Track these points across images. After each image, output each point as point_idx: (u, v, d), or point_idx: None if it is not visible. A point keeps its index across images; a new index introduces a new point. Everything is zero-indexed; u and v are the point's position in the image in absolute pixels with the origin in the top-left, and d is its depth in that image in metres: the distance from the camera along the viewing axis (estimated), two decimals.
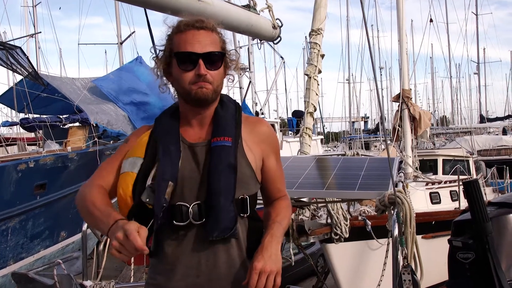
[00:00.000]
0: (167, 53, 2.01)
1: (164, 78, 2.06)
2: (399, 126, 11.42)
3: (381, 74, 46.95)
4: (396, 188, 3.62)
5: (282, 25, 5.72)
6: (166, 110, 2.13)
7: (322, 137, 36.15)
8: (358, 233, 6.80)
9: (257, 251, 1.90)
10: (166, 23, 2.05)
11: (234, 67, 2.09)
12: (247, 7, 5.21)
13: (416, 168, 11.58)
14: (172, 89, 2.08)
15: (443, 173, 13.90)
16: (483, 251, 2.70)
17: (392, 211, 3.65)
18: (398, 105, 11.51)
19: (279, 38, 5.81)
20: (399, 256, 3.44)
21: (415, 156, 11.56)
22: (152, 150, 1.98)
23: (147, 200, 1.89)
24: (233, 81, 2.14)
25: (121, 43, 22.97)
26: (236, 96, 21.59)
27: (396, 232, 3.46)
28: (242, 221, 1.98)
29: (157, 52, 2.07)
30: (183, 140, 2.01)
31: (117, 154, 2.07)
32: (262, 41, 6.12)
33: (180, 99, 2.05)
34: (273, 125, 23.42)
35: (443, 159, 14.51)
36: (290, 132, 28.79)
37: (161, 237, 1.96)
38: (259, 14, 5.43)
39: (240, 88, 27.14)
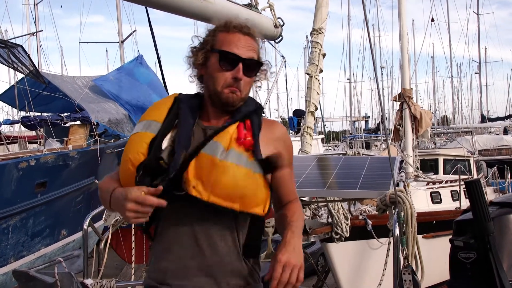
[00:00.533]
0: (208, 47, 2.03)
1: (194, 70, 2.09)
2: (400, 125, 11.41)
3: (382, 74, 46.92)
4: (397, 188, 3.62)
5: (283, 24, 5.71)
6: (189, 94, 2.14)
7: (323, 136, 36.15)
8: (359, 232, 6.80)
9: (279, 246, 1.91)
10: (209, 28, 2.10)
11: (263, 76, 2.12)
12: (249, 6, 5.21)
13: (417, 167, 11.57)
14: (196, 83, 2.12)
15: (444, 173, 13.90)
16: (484, 250, 2.70)
17: (393, 211, 3.65)
18: (399, 105, 11.50)
19: (280, 37, 5.80)
20: (400, 256, 3.44)
21: (416, 155, 11.54)
22: (173, 117, 1.99)
23: (165, 159, 1.91)
24: (260, 87, 2.19)
25: (122, 42, 22.94)
26: None
27: (397, 231, 3.46)
28: (241, 215, 1.96)
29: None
30: (198, 122, 2.04)
31: None
32: (263, 40, 6.10)
33: (206, 94, 2.08)
34: None
35: (444, 159, 14.51)
36: (291, 131, 28.76)
37: (160, 217, 1.98)
38: (260, 13, 5.42)
39: None
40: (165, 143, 1.93)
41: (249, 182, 1.89)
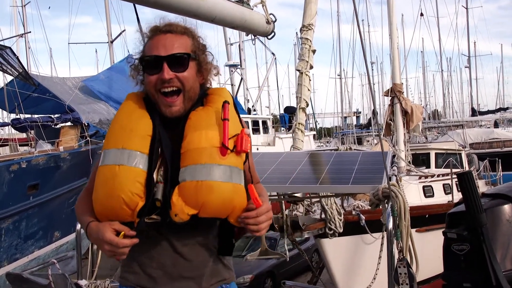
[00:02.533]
0: (137, 63, 2.02)
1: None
2: (391, 120, 11.44)
3: (372, 69, 47.15)
4: (390, 182, 3.63)
5: (275, 20, 5.69)
6: (149, 99, 2.03)
7: (315, 132, 36.21)
8: (352, 227, 6.83)
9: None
10: (142, 29, 2.05)
11: (207, 64, 2.05)
12: (241, 2, 5.18)
13: (409, 162, 11.61)
14: None
15: (436, 167, 13.95)
16: (478, 242, 2.71)
17: (386, 205, 3.65)
18: (390, 100, 11.54)
19: (273, 33, 5.78)
20: (394, 250, 3.45)
21: (407, 150, 11.59)
22: (158, 146, 1.91)
23: (160, 199, 1.88)
24: (216, 74, 2.11)
25: (112, 42, 22.90)
26: None
27: (390, 225, 3.47)
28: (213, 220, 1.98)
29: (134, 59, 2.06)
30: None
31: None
32: (255, 37, 6.08)
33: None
34: (265, 122, 23.48)
35: (435, 153, 14.56)
36: (282, 128, 28.80)
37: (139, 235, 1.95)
38: (252, 9, 5.41)
39: (232, 85, 27.11)
40: (157, 177, 1.90)
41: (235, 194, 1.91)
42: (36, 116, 12.79)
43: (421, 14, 34.01)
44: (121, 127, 1.95)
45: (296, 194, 5.49)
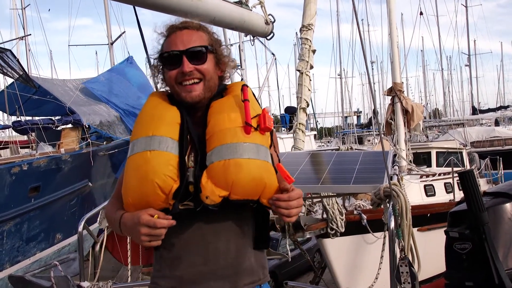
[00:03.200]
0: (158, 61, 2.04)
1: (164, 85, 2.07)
2: (392, 119, 11.43)
3: (372, 68, 47.07)
4: (391, 181, 3.62)
5: (274, 21, 5.69)
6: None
7: (315, 132, 36.19)
8: (354, 227, 6.81)
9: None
10: (156, 30, 2.06)
11: (225, 58, 2.07)
12: (239, 3, 5.18)
13: (410, 161, 11.61)
14: None
15: (437, 166, 13.97)
16: (480, 241, 2.71)
17: (388, 204, 3.65)
18: (391, 99, 11.53)
19: (272, 34, 5.78)
20: (396, 249, 3.45)
21: (408, 149, 11.59)
22: (186, 133, 1.93)
23: (191, 181, 1.87)
24: (236, 68, 2.14)
25: (112, 44, 22.87)
26: None
27: (392, 224, 3.46)
28: (251, 208, 1.96)
29: (148, 53, 2.07)
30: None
31: None
32: (254, 37, 6.07)
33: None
34: None
35: (436, 152, 14.57)
36: (283, 128, 28.76)
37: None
38: (251, 10, 5.40)
39: None
40: (189, 163, 1.90)
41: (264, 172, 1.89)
42: (37, 118, 12.79)
43: (421, 13, 34.06)
44: (149, 116, 1.97)
45: None
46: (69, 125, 12.64)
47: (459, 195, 10.78)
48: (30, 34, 28.04)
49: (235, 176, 1.82)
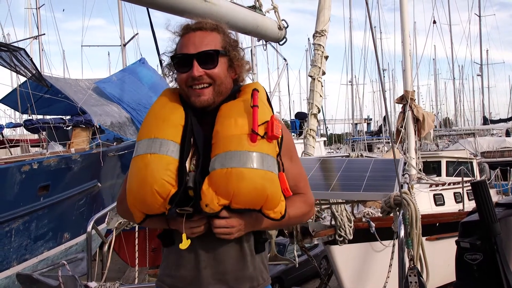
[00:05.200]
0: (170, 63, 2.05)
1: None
2: (402, 127, 11.38)
3: (384, 76, 46.96)
4: (401, 190, 3.60)
5: (287, 26, 5.70)
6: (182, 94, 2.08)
7: (325, 139, 36.15)
8: (362, 235, 6.79)
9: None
10: (169, 29, 2.05)
11: (239, 61, 2.05)
12: (253, 8, 5.19)
13: (420, 170, 11.56)
14: None
15: (447, 175, 13.90)
16: (491, 252, 2.68)
17: (398, 213, 3.63)
18: (402, 107, 11.48)
19: (285, 39, 5.79)
20: (405, 258, 3.43)
21: (418, 157, 11.53)
22: (190, 135, 1.91)
23: (193, 187, 1.84)
24: (249, 71, 2.12)
25: (124, 45, 22.94)
26: None
27: (402, 233, 3.44)
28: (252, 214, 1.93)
29: (160, 55, 2.08)
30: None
31: None
32: (267, 42, 6.08)
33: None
34: None
35: (446, 161, 14.50)
36: (293, 134, 28.75)
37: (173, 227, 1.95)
38: (264, 15, 5.41)
39: None
40: (189, 167, 1.88)
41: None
42: (48, 117, 12.85)
43: (434, 22, 33.91)
44: (154, 118, 1.97)
45: None
46: (80, 125, 12.67)
47: (468, 205, 10.72)
48: (44, 34, 28.15)
49: (236, 185, 1.79)
